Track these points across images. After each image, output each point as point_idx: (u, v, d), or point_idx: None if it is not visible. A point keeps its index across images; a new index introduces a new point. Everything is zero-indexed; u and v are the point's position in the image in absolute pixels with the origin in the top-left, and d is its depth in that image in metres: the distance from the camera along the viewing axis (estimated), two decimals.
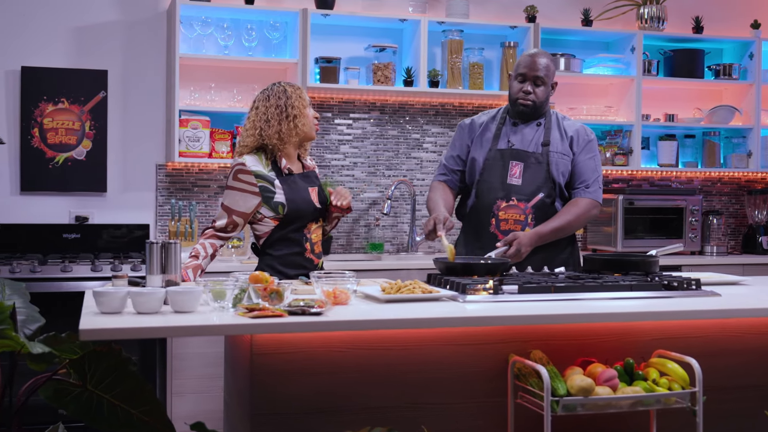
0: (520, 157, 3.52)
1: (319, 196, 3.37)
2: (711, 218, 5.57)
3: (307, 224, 3.31)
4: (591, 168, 3.55)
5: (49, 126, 4.77)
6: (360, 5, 5.22)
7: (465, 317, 2.61)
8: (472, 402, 2.76)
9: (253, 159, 3.29)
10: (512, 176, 3.50)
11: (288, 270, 3.27)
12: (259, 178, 3.26)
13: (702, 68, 5.63)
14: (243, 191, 3.26)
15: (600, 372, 2.61)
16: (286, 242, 3.30)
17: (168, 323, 2.37)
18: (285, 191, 3.26)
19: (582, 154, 3.56)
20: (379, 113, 5.30)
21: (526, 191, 3.48)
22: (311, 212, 3.31)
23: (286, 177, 3.30)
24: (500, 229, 3.46)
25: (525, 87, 3.50)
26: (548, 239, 3.47)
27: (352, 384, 2.67)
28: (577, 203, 3.53)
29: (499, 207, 3.49)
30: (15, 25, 4.75)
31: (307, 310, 2.49)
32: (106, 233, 4.77)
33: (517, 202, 3.47)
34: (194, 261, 3.17)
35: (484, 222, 3.50)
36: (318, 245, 3.36)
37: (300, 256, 3.30)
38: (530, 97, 3.50)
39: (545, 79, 3.49)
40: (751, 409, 2.94)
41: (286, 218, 3.26)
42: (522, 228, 3.43)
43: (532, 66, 3.50)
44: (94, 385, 2.66)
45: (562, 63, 5.34)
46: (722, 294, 3.05)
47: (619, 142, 5.50)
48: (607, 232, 5.40)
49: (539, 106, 3.53)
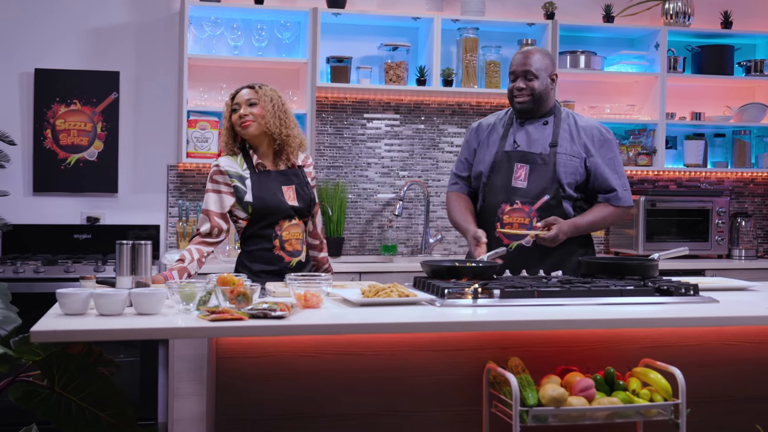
0: (526, 159, 3.43)
1: (298, 194, 3.31)
2: (739, 220, 5.36)
3: (279, 221, 3.26)
4: (613, 171, 3.46)
5: (61, 127, 4.80)
6: (374, 4, 5.15)
7: (433, 322, 2.51)
8: (447, 410, 2.67)
9: (228, 160, 3.29)
10: (517, 179, 3.41)
11: (254, 265, 3.26)
12: (233, 178, 3.25)
13: (731, 65, 5.42)
14: (218, 192, 3.25)
15: (576, 381, 2.50)
16: (256, 238, 3.28)
17: (121, 326, 2.32)
18: (253, 189, 3.24)
19: (600, 155, 3.45)
20: (393, 113, 5.22)
21: (530, 194, 3.39)
22: (282, 209, 3.26)
23: (258, 174, 3.28)
24: (505, 233, 3.37)
25: (518, 84, 3.43)
26: (583, 232, 3.45)
27: (320, 390, 2.60)
28: (608, 207, 3.47)
29: (503, 211, 3.41)
30: (28, 28, 4.79)
31: (269, 313, 2.43)
32: (117, 234, 4.77)
33: (522, 206, 3.39)
34: (180, 264, 3.14)
35: (490, 225, 3.43)
36: (292, 243, 3.29)
37: (268, 252, 3.26)
38: (524, 92, 3.42)
39: (536, 73, 3.40)
40: (742, 423, 2.79)
41: (254, 215, 3.25)
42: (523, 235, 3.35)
43: (521, 62, 3.43)
44: (62, 387, 2.65)
45: (583, 60, 5.20)
46: (722, 300, 2.90)
47: (642, 141, 5.33)
48: (629, 234, 5.24)
49: (537, 100, 3.43)
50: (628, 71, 5.33)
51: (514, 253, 3.37)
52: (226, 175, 3.25)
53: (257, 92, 3.28)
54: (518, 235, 3.36)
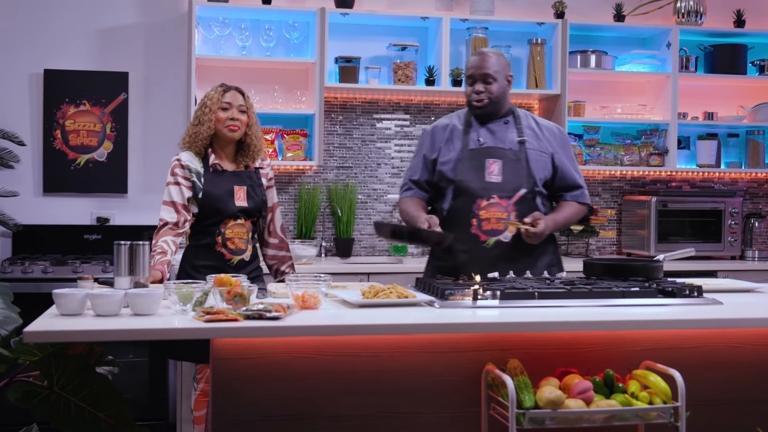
0: (497, 155, 3.39)
1: (249, 195, 3.37)
2: (753, 221, 5.30)
3: (224, 220, 3.33)
4: (575, 169, 3.50)
5: (70, 128, 4.82)
6: (382, 3, 5.14)
7: (429, 324, 2.50)
8: (446, 412, 2.65)
9: (189, 155, 3.37)
10: (491, 174, 3.36)
11: (197, 260, 3.33)
12: (192, 173, 3.33)
13: (744, 64, 5.36)
14: (178, 184, 3.32)
15: (575, 384, 2.47)
16: (199, 234, 3.35)
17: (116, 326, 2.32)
18: (205, 186, 3.31)
19: (563, 153, 3.47)
20: (403, 113, 5.21)
21: (507, 188, 3.34)
22: (228, 210, 3.32)
23: (213, 173, 3.35)
24: (482, 229, 3.32)
25: (476, 87, 3.39)
26: (560, 228, 3.45)
27: (318, 391, 2.59)
28: (576, 205, 3.49)
29: (479, 206, 3.34)
30: (37, 29, 4.82)
31: (264, 314, 2.42)
32: (127, 234, 4.78)
33: (499, 200, 3.34)
34: (164, 257, 3.16)
35: (465, 223, 3.35)
36: (235, 241, 3.35)
37: (209, 248, 3.32)
38: (483, 95, 3.38)
39: (495, 75, 3.36)
40: (745, 426, 2.75)
41: (201, 212, 3.32)
42: (505, 227, 3.30)
43: (478, 65, 3.38)
44: (61, 387, 2.65)
45: (593, 60, 5.16)
46: (726, 302, 2.87)
47: (654, 141, 5.28)
48: (641, 235, 5.19)
49: (496, 102, 3.40)
50: (640, 71, 5.28)
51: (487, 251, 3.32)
52: (186, 170, 3.33)
53: (246, 100, 3.40)
54: (499, 231, 3.32)
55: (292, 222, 5.08)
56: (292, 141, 4.90)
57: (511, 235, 3.30)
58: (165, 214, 3.28)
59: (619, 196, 5.46)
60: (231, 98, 3.34)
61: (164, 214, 3.28)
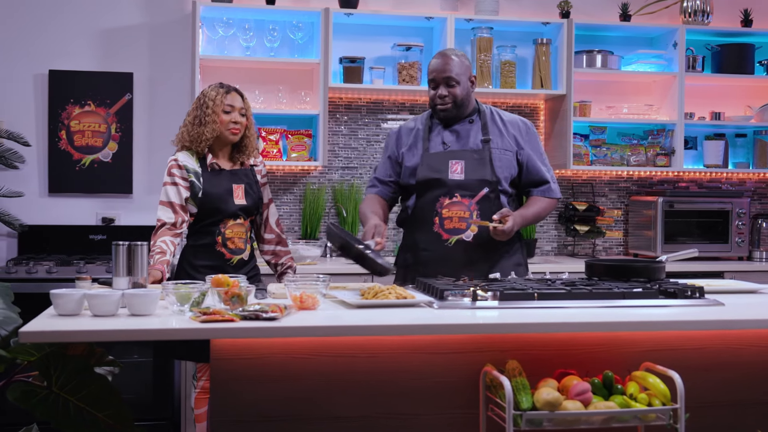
0: (460, 156, 3.37)
1: (247, 193, 3.39)
2: (760, 222, 5.26)
3: (224, 219, 3.34)
4: (543, 163, 3.46)
5: (75, 128, 4.83)
6: (386, 3, 5.13)
7: (427, 325, 2.48)
8: (445, 413, 2.64)
9: (185, 155, 3.37)
10: (453, 173, 3.35)
11: (196, 260, 3.34)
12: (190, 173, 3.33)
13: (752, 63, 5.33)
14: (176, 185, 3.32)
15: (573, 385, 2.46)
16: (199, 233, 3.36)
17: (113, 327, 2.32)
18: (204, 186, 3.32)
19: (530, 147, 3.43)
20: (408, 113, 5.20)
21: (470, 187, 3.33)
22: (228, 209, 3.34)
23: (211, 172, 3.36)
24: (444, 228, 3.30)
25: (439, 92, 3.36)
26: (529, 223, 3.44)
27: (316, 392, 2.58)
28: (544, 199, 3.44)
29: (442, 204, 3.33)
30: (42, 29, 4.83)
31: (261, 314, 2.42)
32: (132, 234, 4.79)
33: (461, 198, 3.32)
34: (163, 257, 3.17)
35: (428, 222, 3.35)
36: (234, 241, 3.36)
37: (209, 247, 3.33)
38: (447, 99, 3.35)
39: (457, 78, 3.33)
40: (745, 427, 2.72)
41: (201, 211, 3.33)
42: (467, 225, 3.28)
43: (440, 69, 3.35)
44: (60, 387, 2.65)
45: (599, 60, 5.13)
46: (728, 303, 2.84)
47: (661, 141, 5.25)
48: (648, 236, 5.16)
49: (460, 105, 3.38)
50: (646, 71, 5.25)
51: (449, 250, 3.30)
52: (183, 170, 3.33)
53: (245, 103, 3.41)
54: (461, 230, 3.30)
55: (296, 222, 5.08)
56: (296, 141, 4.90)
57: (472, 234, 3.28)
58: (162, 215, 3.29)
59: (626, 196, 5.44)
60: (233, 101, 3.36)
61: (162, 214, 3.29)
